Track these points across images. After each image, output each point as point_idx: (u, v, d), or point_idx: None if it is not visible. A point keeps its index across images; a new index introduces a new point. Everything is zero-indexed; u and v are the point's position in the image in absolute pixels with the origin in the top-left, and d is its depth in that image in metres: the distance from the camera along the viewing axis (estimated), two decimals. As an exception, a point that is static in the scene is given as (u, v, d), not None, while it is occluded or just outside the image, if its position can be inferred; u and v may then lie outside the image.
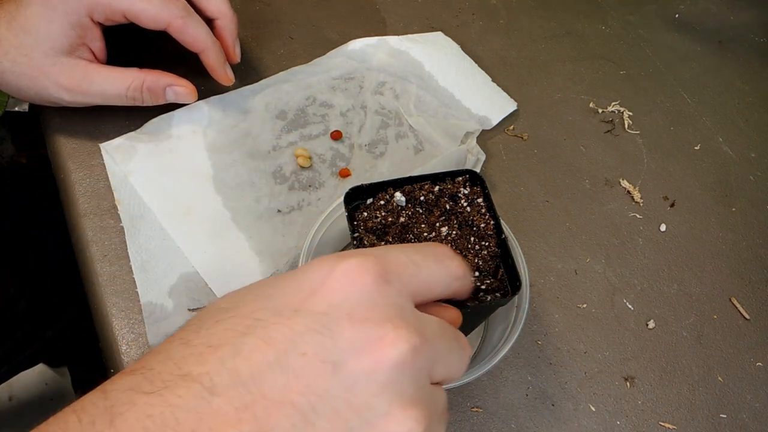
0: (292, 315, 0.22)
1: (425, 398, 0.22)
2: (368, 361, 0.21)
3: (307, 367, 0.21)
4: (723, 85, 0.60)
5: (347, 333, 0.21)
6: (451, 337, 0.25)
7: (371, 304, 0.22)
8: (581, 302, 0.45)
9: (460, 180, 0.36)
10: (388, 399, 0.21)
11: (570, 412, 0.41)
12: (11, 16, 0.41)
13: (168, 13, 0.43)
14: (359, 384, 0.21)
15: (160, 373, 0.21)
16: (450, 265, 0.27)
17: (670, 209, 0.51)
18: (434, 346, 0.23)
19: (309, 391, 0.20)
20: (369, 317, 0.22)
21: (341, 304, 0.22)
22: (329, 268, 0.23)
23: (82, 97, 0.43)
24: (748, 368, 0.44)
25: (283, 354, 0.21)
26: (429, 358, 0.23)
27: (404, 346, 0.21)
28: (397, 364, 0.21)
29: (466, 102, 0.53)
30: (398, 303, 0.23)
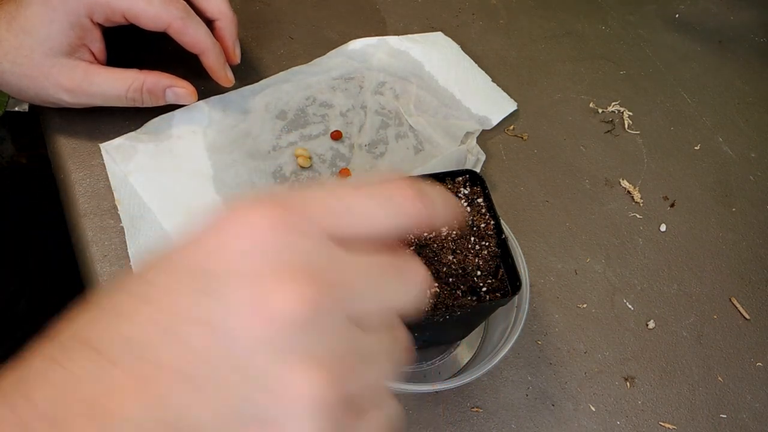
0: (181, 277, 0.20)
1: (335, 349, 0.20)
2: (257, 321, 0.19)
3: (195, 335, 0.19)
4: (723, 85, 0.60)
5: (236, 294, 0.20)
6: (387, 268, 0.22)
7: (266, 257, 0.20)
8: (581, 302, 0.45)
9: (460, 180, 0.36)
10: (280, 360, 0.19)
11: (570, 412, 0.41)
12: (11, 16, 0.41)
13: (168, 14, 0.43)
14: (249, 347, 0.19)
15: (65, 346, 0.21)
16: (400, 202, 0.23)
17: (670, 209, 0.51)
18: (353, 286, 0.21)
19: (198, 362, 0.19)
20: (262, 274, 0.20)
21: (231, 263, 0.20)
22: (223, 224, 0.21)
23: (82, 98, 0.43)
24: (748, 368, 0.44)
25: (172, 323, 0.20)
26: (342, 301, 0.21)
27: (297, 299, 0.19)
28: (289, 321, 0.19)
29: (466, 102, 0.53)
30: (303, 250, 0.21)
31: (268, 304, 0.19)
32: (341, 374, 0.20)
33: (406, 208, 0.23)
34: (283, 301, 0.19)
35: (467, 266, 0.34)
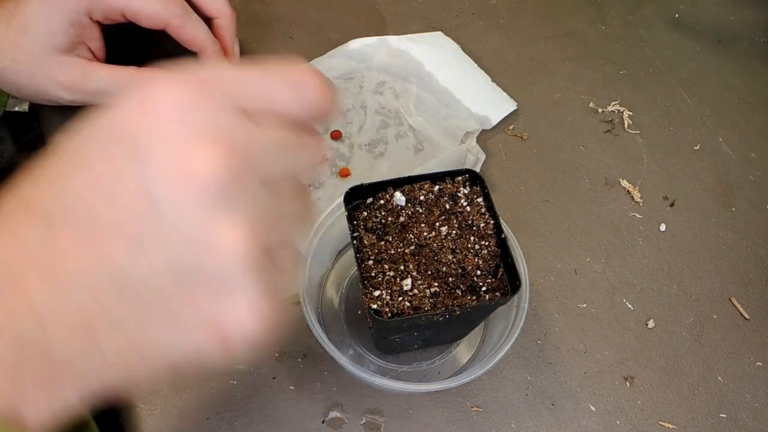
0: (109, 142, 0.22)
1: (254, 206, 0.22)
2: (179, 183, 0.21)
3: (128, 196, 0.21)
4: (723, 85, 0.60)
5: (158, 158, 0.21)
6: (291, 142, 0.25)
7: (184, 124, 0.22)
8: (581, 302, 0.45)
9: (460, 180, 0.36)
10: (206, 217, 0.21)
11: (570, 411, 0.41)
12: (10, 14, 0.41)
13: (167, 12, 0.43)
14: (176, 207, 0.21)
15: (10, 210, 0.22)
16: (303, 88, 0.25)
17: (670, 209, 0.51)
18: (263, 154, 0.23)
19: (135, 222, 0.21)
20: (181, 139, 0.21)
21: (153, 130, 0.22)
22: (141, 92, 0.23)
23: (81, 95, 0.43)
24: (748, 368, 0.44)
25: (107, 185, 0.21)
26: (254, 165, 0.23)
27: (214, 161, 0.21)
28: (209, 181, 0.21)
29: (466, 102, 0.53)
30: (217, 119, 0.22)
31: (192, 167, 0.21)
32: (261, 228, 0.22)
33: (310, 96, 0.25)
34: (204, 163, 0.21)
35: (467, 266, 0.33)
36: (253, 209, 0.22)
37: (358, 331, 0.42)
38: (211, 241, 0.21)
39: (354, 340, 0.42)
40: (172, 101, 0.22)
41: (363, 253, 0.34)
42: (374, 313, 0.31)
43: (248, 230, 0.22)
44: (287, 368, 0.40)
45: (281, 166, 0.25)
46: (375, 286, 0.33)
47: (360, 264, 0.33)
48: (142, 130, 0.22)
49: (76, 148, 0.23)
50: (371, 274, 0.33)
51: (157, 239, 0.21)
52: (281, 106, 0.25)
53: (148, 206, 0.21)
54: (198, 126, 0.22)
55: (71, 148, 0.23)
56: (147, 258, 0.21)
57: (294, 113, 0.25)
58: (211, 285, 0.22)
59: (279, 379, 0.40)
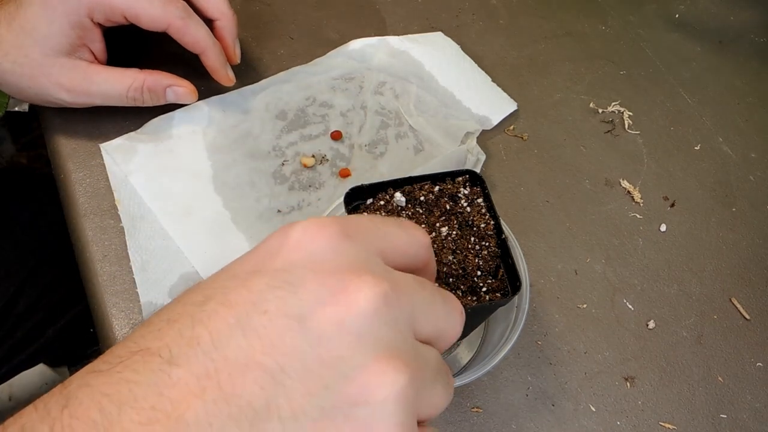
0: (249, 277, 0.21)
1: (407, 350, 0.21)
2: (335, 311, 0.20)
3: (270, 325, 0.19)
4: (723, 85, 0.60)
5: (310, 285, 0.20)
6: (431, 290, 0.23)
7: (333, 256, 0.21)
8: (581, 302, 0.45)
9: (460, 180, 0.36)
10: (362, 349, 0.19)
11: (570, 412, 0.41)
12: (11, 16, 0.41)
13: (168, 14, 0.43)
14: (329, 336, 0.19)
15: (118, 354, 0.20)
16: (414, 233, 0.25)
17: (670, 209, 0.51)
18: (410, 297, 0.22)
19: (275, 351, 0.19)
20: (332, 268, 0.21)
21: (301, 260, 0.21)
22: (287, 231, 0.22)
23: (83, 97, 0.43)
24: (748, 368, 0.44)
25: (243, 315, 0.20)
26: (405, 307, 0.21)
27: (372, 292, 0.20)
28: (368, 312, 0.20)
29: (466, 102, 0.53)
30: (363, 255, 0.22)
31: (347, 297, 0.20)
32: (418, 379, 0.20)
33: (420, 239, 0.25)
34: (361, 293, 0.20)
35: (467, 266, 0.34)
36: (408, 353, 0.21)
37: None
38: (363, 375, 0.19)
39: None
40: (319, 235, 0.21)
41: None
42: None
43: (407, 372, 0.20)
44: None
45: (428, 318, 0.23)
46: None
47: (360, 265, 0.33)
48: (289, 260, 0.21)
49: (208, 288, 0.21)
50: (372, 275, 0.33)
51: (301, 370, 0.19)
52: (406, 248, 0.24)
53: (293, 335, 0.19)
54: (349, 259, 0.21)
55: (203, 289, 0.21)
56: (285, 390, 0.19)
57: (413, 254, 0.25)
58: (354, 424, 0.19)
59: None
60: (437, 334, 0.23)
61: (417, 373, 0.20)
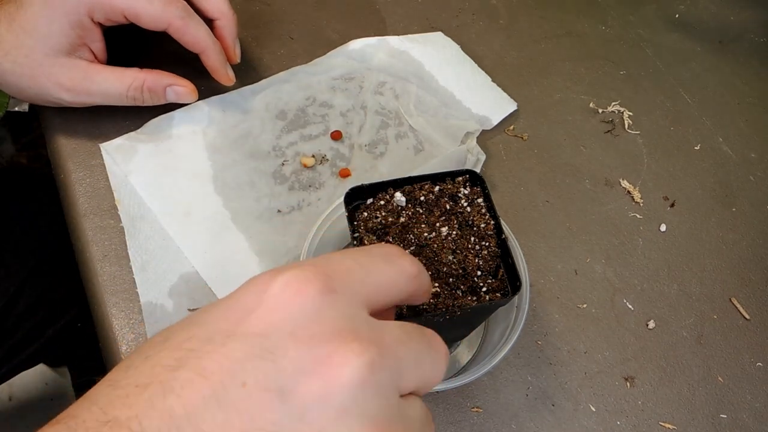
0: (226, 341, 0.19)
1: (394, 416, 0.20)
2: (319, 383, 0.18)
3: (248, 398, 0.18)
4: (723, 85, 0.60)
5: (291, 354, 0.19)
6: (418, 340, 0.22)
7: (316, 318, 0.20)
8: (581, 302, 0.45)
9: (461, 180, 0.36)
10: (347, 424, 0.18)
11: (570, 412, 0.41)
12: (11, 16, 0.41)
13: (168, 14, 0.43)
14: (312, 411, 0.18)
15: (84, 421, 0.18)
16: (402, 263, 0.24)
17: (670, 209, 0.51)
18: (397, 355, 0.21)
19: (254, 426, 0.18)
20: (315, 333, 0.19)
21: (281, 323, 0.19)
22: (264, 285, 0.20)
23: (83, 97, 0.43)
24: (748, 368, 0.44)
25: (219, 387, 0.18)
26: (392, 370, 0.20)
27: (358, 361, 0.19)
28: (353, 384, 0.19)
29: (466, 102, 0.53)
30: (348, 313, 0.20)
31: (331, 366, 0.19)
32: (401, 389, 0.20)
33: (408, 269, 0.24)
34: (345, 362, 0.19)
35: (467, 266, 0.34)
36: (392, 422, 0.20)
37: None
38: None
39: (354, 340, 0.42)
40: (300, 293, 0.20)
41: (363, 253, 0.34)
42: (375, 314, 0.31)
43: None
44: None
45: (414, 372, 0.22)
46: (375, 286, 0.33)
47: (360, 265, 0.33)
48: (267, 323, 0.19)
49: (181, 351, 0.19)
50: (372, 275, 0.33)
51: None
52: (392, 287, 0.23)
53: (273, 407, 0.18)
54: (332, 322, 0.20)
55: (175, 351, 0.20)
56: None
57: (402, 290, 0.24)
58: None
59: None
60: (422, 384, 0.22)
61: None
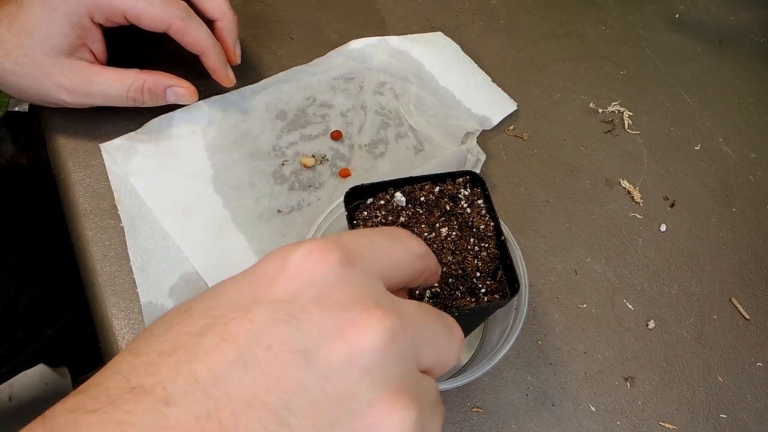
0: (251, 307, 0.20)
1: (413, 385, 0.20)
2: (343, 346, 0.19)
3: (274, 361, 0.18)
4: (723, 85, 0.60)
5: (315, 319, 0.19)
6: (434, 318, 0.23)
7: (339, 285, 0.20)
8: (581, 302, 0.45)
9: (461, 181, 0.36)
10: (370, 386, 0.19)
11: (570, 412, 0.41)
12: (12, 16, 0.41)
13: (168, 15, 0.43)
14: (336, 372, 0.19)
15: (107, 389, 0.18)
16: (409, 243, 0.24)
17: (670, 209, 0.51)
18: (416, 328, 0.21)
19: (280, 388, 0.18)
20: (338, 300, 0.20)
21: (305, 290, 0.20)
22: (285, 255, 0.21)
23: (83, 97, 0.43)
24: (748, 368, 0.44)
25: (245, 350, 0.18)
26: (411, 341, 0.21)
27: (382, 326, 0.19)
28: (377, 347, 0.19)
29: (466, 102, 0.53)
30: (368, 283, 0.21)
31: (355, 331, 0.19)
32: (425, 411, 0.20)
33: (415, 248, 0.25)
34: (369, 327, 0.19)
35: (466, 267, 0.34)
36: (415, 390, 0.20)
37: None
38: (371, 413, 0.19)
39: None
40: (323, 261, 0.20)
41: (363, 254, 0.34)
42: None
43: (416, 411, 0.19)
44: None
45: (432, 348, 0.22)
46: (375, 287, 0.33)
47: (360, 265, 0.33)
48: (291, 290, 0.20)
49: (205, 318, 0.20)
50: (371, 276, 0.33)
51: (306, 407, 0.18)
52: (404, 265, 0.24)
53: (298, 370, 0.18)
54: (355, 290, 0.20)
55: (198, 317, 0.20)
56: (290, 429, 0.18)
57: (413, 269, 0.24)
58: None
59: None
60: (437, 364, 0.23)
61: (422, 408, 0.20)
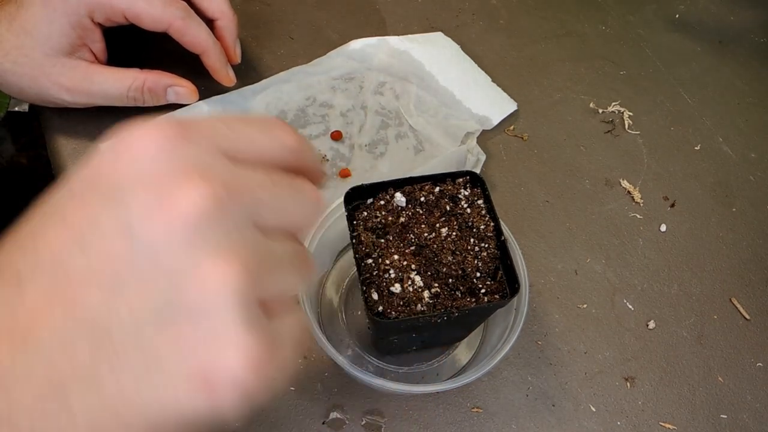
0: (84, 194, 0.21)
1: (249, 247, 0.21)
2: (162, 221, 0.20)
3: (104, 241, 0.20)
4: (723, 85, 0.60)
5: (140, 197, 0.20)
6: (277, 182, 0.23)
7: (166, 162, 0.21)
8: (581, 302, 0.45)
9: (461, 181, 0.36)
10: (192, 252, 0.20)
11: (570, 412, 0.41)
12: (12, 17, 0.41)
13: (168, 15, 0.43)
14: (159, 245, 0.20)
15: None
16: (279, 134, 0.24)
17: (670, 209, 0.51)
18: (251, 193, 0.22)
19: (112, 269, 0.20)
20: (163, 176, 0.20)
21: (135, 170, 0.21)
22: (121, 139, 0.21)
23: (83, 97, 0.43)
24: (748, 368, 0.44)
25: (79, 234, 0.20)
26: (245, 205, 0.21)
27: (199, 194, 0.20)
28: (195, 215, 0.20)
29: (466, 102, 0.53)
30: (200, 157, 0.21)
31: (173, 202, 0.20)
32: (254, 270, 0.21)
33: (285, 140, 0.25)
34: (187, 197, 0.20)
35: (467, 267, 0.34)
36: (243, 248, 0.21)
37: (358, 332, 0.42)
38: (196, 276, 0.20)
39: (353, 340, 0.42)
40: (152, 141, 0.21)
41: (363, 253, 0.34)
42: (373, 314, 0.32)
43: (238, 266, 0.20)
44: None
45: (274, 207, 0.23)
46: (374, 286, 0.33)
47: (359, 264, 0.33)
48: (120, 173, 0.21)
49: (49, 207, 0.22)
50: (371, 275, 0.33)
51: (136, 279, 0.20)
52: (262, 149, 0.24)
53: (126, 246, 0.20)
54: (180, 163, 0.21)
55: (45, 208, 0.22)
56: (124, 299, 0.20)
57: (276, 156, 0.24)
58: (195, 326, 0.20)
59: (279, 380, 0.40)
60: (287, 224, 0.24)
61: (253, 265, 0.21)
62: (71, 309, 0.20)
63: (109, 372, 0.20)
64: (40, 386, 0.19)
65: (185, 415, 0.20)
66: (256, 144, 0.24)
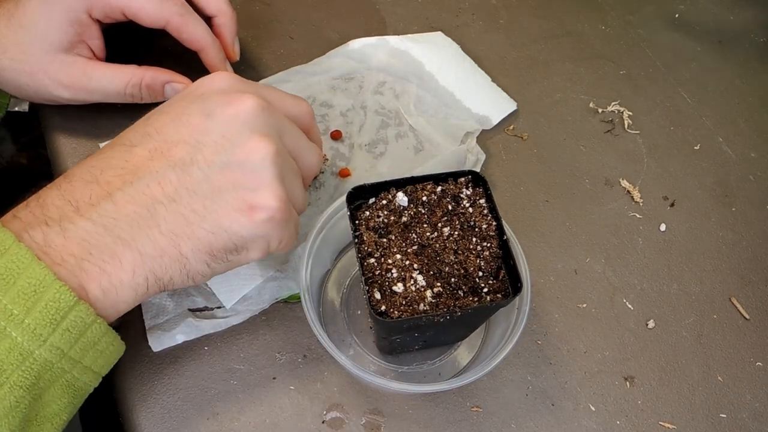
0: (178, 100, 0.34)
1: (276, 136, 0.34)
2: (231, 110, 0.33)
3: (191, 119, 0.32)
4: (723, 85, 0.60)
5: (216, 98, 0.33)
6: (303, 136, 0.37)
7: (230, 86, 0.35)
8: (581, 302, 0.45)
9: (463, 181, 0.36)
10: (248, 131, 0.32)
11: (570, 411, 0.41)
12: (10, 13, 0.41)
13: (167, 11, 0.43)
14: (226, 123, 0.32)
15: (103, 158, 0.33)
16: (300, 101, 0.39)
17: (670, 209, 0.51)
18: (281, 118, 0.35)
19: (194, 133, 0.32)
20: (232, 91, 0.34)
21: (212, 89, 0.34)
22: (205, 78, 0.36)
23: (81, 94, 0.43)
24: (748, 368, 0.44)
25: (175, 116, 0.33)
26: (276, 121, 0.34)
27: (254, 102, 0.33)
28: (250, 111, 0.33)
29: (466, 102, 0.53)
30: (254, 86, 0.36)
31: (238, 103, 0.33)
32: (282, 149, 0.34)
33: (307, 110, 0.40)
34: (247, 101, 0.33)
35: (469, 267, 0.33)
36: (278, 135, 0.34)
37: (359, 331, 0.42)
38: (248, 145, 0.32)
39: (354, 340, 0.42)
40: (226, 78, 0.35)
41: (365, 252, 0.34)
42: (375, 314, 0.31)
43: (274, 145, 0.32)
44: (287, 368, 0.40)
45: (292, 139, 0.36)
46: (376, 286, 0.33)
47: (361, 263, 0.33)
48: (204, 89, 0.35)
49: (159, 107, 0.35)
50: (373, 274, 0.33)
51: (211, 141, 0.32)
52: (289, 107, 0.38)
53: (206, 123, 0.32)
54: (243, 86, 0.35)
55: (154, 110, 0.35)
56: (202, 153, 0.32)
57: (298, 117, 0.39)
58: (246, 175, 0.32)
59: (279, 379, 0.40)
60: (296, 154, 0.36)
61: (282, 148, 0.34)
62: (167, 157, 0.32)
63: (187, 195, 0.31)
64: (139, 202, 0.31)
65: (233, 234, 0.32)
66: (287, 101, 0.38)
